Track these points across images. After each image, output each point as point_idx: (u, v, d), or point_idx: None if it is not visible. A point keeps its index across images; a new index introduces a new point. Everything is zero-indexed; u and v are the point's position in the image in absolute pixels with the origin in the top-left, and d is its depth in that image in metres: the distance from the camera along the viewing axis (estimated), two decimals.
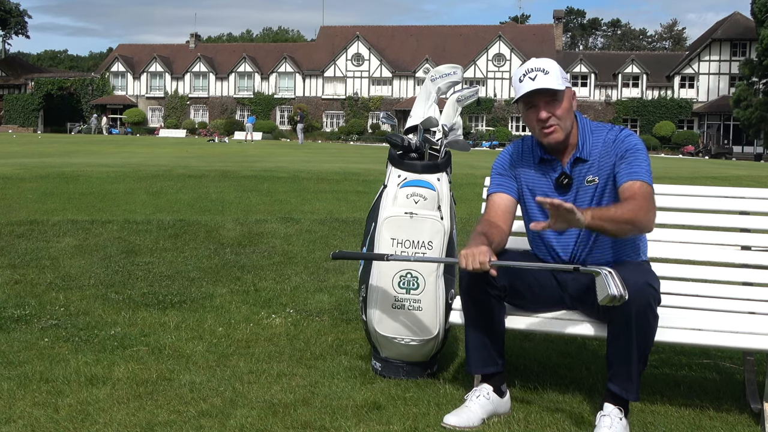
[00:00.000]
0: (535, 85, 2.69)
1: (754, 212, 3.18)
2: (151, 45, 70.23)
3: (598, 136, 2.81)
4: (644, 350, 2.56)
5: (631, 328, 2.51)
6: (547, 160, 2.84)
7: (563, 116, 2.73)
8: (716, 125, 55.13)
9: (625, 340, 2.53)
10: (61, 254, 5.60)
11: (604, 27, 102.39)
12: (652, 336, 2.56)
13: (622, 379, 2.55)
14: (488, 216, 2.88)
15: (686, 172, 18.97)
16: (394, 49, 61.95)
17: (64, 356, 3.28)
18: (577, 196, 2.79)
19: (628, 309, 2.48)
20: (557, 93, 2.71)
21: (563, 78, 2.73)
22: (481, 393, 2.72)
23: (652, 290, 2.52)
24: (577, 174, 2.79)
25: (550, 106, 2.72)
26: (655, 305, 2.54)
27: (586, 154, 2.78)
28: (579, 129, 2.82)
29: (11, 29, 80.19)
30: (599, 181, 2.76)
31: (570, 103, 2.76)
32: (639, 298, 2.48)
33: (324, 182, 11.92)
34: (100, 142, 34.65)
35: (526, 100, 2.75)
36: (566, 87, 2.74)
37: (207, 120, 63.40)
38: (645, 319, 2.51)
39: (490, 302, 2.73)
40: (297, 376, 3.10)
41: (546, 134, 2.74)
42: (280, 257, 5.73)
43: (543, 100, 2.71)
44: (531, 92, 2.70)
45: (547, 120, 2.72)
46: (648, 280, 2.53)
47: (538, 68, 2.72)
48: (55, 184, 10.43)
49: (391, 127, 3.51)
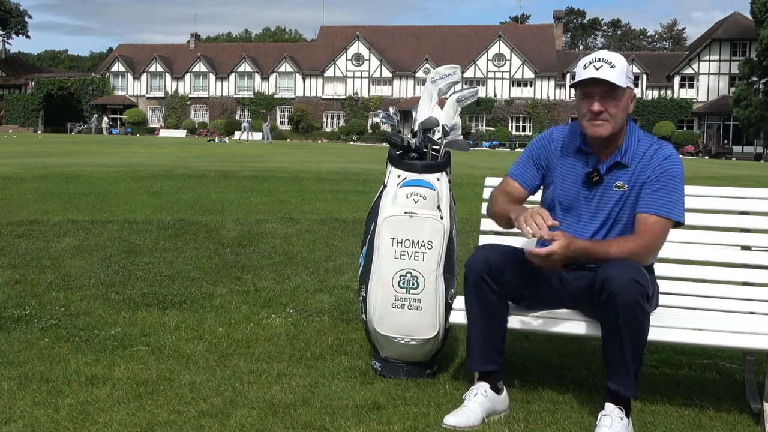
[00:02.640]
0: (597, 74, 2.64)
1: (754, 212, 3.17)
2: (151, 45, 70.29)
3: (643, 145, 2.76)
4: (637, 346, 2.54)
5: (620, 324, 2.51)
6: (584, 152, 2.80)
7: (616, 114, 2.68)
8: (716, 125, 55.14)
9: (617, 338, 2.53)
10: (62, 254, 5.60)
11: (604, 27, 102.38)
12: (643, 331, 2.55)
13: (620, 377, 2.55)
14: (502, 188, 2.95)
15: (686, 172, 18.76)
16: (394, 49, 61.96)
17: (65, 356, 3.28)
18: (602, 198, 2.77)
19: (616, 306, 2.49)
20: (617, 89, 2.66)
21: (628, 77, 2.69)
22: (478, 391, 2.72)
23: (638, 286, 2.50)
24: (609, 176, 2.76)
25: (605, 101, 2.67)
26: (643, 301, 2.52)
27: (627, 160, 2.74)
28: (627, 133, 2.77)
29: (11, 29, 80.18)
30: (627, 189, 2.73)
31: (627, 103, 2.71)
32: (624, 294, 2.48)
33: (324, 182, 11.92)
34: (101, 142, 34.65)
35: (584, 87, 2.70)
36: (628, 87, 2.70)
37: (207, 120, 63.42)
38: (633, 315, 2.50)
39: (495, 299, 2.73)
40: (297, 376, 3.10)
41: (593, 126, 2.69)
42: (280, 257, 5.74)
43: (600, 92, 2.66)
44: (590, 80, 2.65)
45: (599, 114, 2.67)
46: (633, 276, 2.51)
47: (606, 60, 2.67)
48: (55, 184, 10.43)
49: (391, 127, 3.51)
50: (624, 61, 2.72)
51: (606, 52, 2.74)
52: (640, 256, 2.63)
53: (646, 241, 2.64)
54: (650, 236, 2.64)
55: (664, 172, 2.70)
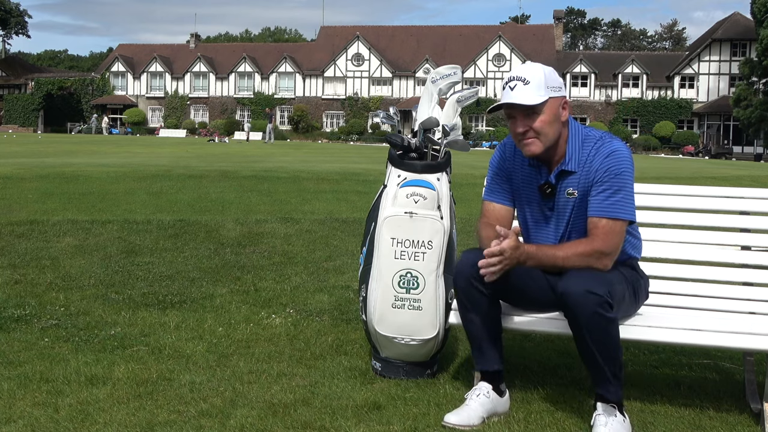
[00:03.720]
0: (509, 98, 2.64)
1: (754, 212, 3.17)
2: (151, 45, 70.31)
3: (587, 146, 2.73)
4: (609, 353, 2.51)
5: (584, 336, 2.50)
6: (534, 165, 2.80)
7: (542, 129, 2.64)
8: (716, 125, 55.16)
9: (586, 348, 2.53)
10: (61, 254, 5.60)
11: (604, 27, 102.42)
12: (610, 338, 2.51)
13: (601, 381, 2.56)
14: (488, 220, 2.86)
15: (686, 172, 18.97)
16: (394, 49, 61.99)
17: (64, 356, 3.28)
18: (558, 207, 2.77)
19: (576, 320, 2.50)
20: (534, 106, 2.63)
21: (548, 87, 2.64)
22: (480, 392, 2.72)
23: (594, 297, 2.44)
24: (561, 185, 2.75)
25: (528, 119, 2.65)
26: (604, 310, 2.46)
27: (573, 166, 2.72)
28: (569, 138, 2.75)
29: (11, 29, 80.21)
30: (577, 195, 2.72)
31: (553, 114, 2.66)
32: (582, 307, 2.46)
33: (324, 182, 11.92)
34: (101, 142, 34.65)
35: (506, 110, 2.71)
36: (550, 97, 2.64)
37: (207, 120, 63.43)
38: (596, 326, 2.48)
39: (485, 302, 2.72)
40: (297, 376, 3.10)
41: (523, 146, 2.70)
42: (280, 257, 5.74)
43: (520, 111, 2.65)
44: (506, 104, 2.66)
45: (525, 133, 2.66)
46: (588, 288, 2.45)
47: (520, 77, 2.64)
48: (55, 184, 10.43)
49: (391, 127, 3.51)
50: (541, 71, 2.67)
51: (522, 67, 2.70)
52: (594, 261, 2.59)
53: (599, 245, 2.59)
54: (601, 240, 2.60)
55: (606, 172, 2.65)
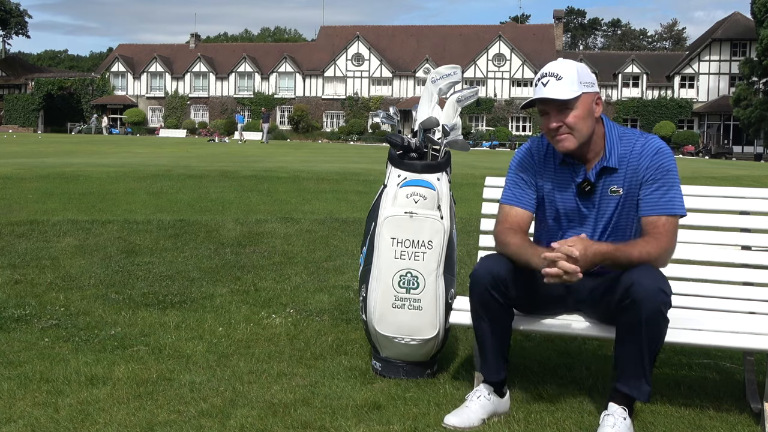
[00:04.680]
0: (542, 93, 2.63)
1: (754, 212, 3.17)
2: (151, 45, 70.30)
3: (627, 143, 2.71)
4: (653, 353, 2.54)
5: (641, 332, 2.48)
6: (569, 163, 2.76)
7: (576, 124, 2.62)
8: (716, 125, 55.16)
9: (635, 344, 2.51)
10: (61, 254, 5.60)
11: (604, 27, 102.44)
12: (662, 340, 2.53)
13: (634, 380, 2.53)
14: (510, 226, 2.78)
15: (686, 172, 18.95)
16: (394, 49, 61.98)
17: (64, 356, 3.28)
18: (600, 206, 2.73)
19: (639, 314, 2.46)
20: (568, 100, 2.62)
21: (581, 83, 2.63)
22: (481, 393, 2.71)
23: (663, 295, 2.47)
24: (601, 183, 2.72)
25: (561, 114, 2.63)
26: (665, 310, 2.49)
27: (615, 163, 2.70)
28: (606, 134, 2.72)
29: (11, 29, 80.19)
30: (623, 192, 2.69)
31: (587, 109, 2.64)
32: (650, 303, 2.45)
33: (324, 182, 11.92)
34: (101, 142, 34.65)
35: (539, 105, 2.69)
36: (583, 92, 2.62)
37: (207, 120, 63.43)
38: (656, 324, 2.48)
39: (501, 312, 2.69)
40: (297, 376, 3.10)
41: (557, 141, 2.68)
42: (280, 257, 5.74)
43: (553, 107, 2.64)
44: (539, 100, 2.65)
45: (558, 129, 2.64)
46: (660, 285, 2.48)
47: (552, 73, 2.63)
48: (55, 184, 10.43)
49: (391, 127, 3.51)
50: (573, 67, 2.65)
51: (553, 63, 2.69)
52: (659, 260, 2.59)
53: (664, 244, 2.59)
54: (666, 238, 2.60)
55: (658, 169, 2.65)
